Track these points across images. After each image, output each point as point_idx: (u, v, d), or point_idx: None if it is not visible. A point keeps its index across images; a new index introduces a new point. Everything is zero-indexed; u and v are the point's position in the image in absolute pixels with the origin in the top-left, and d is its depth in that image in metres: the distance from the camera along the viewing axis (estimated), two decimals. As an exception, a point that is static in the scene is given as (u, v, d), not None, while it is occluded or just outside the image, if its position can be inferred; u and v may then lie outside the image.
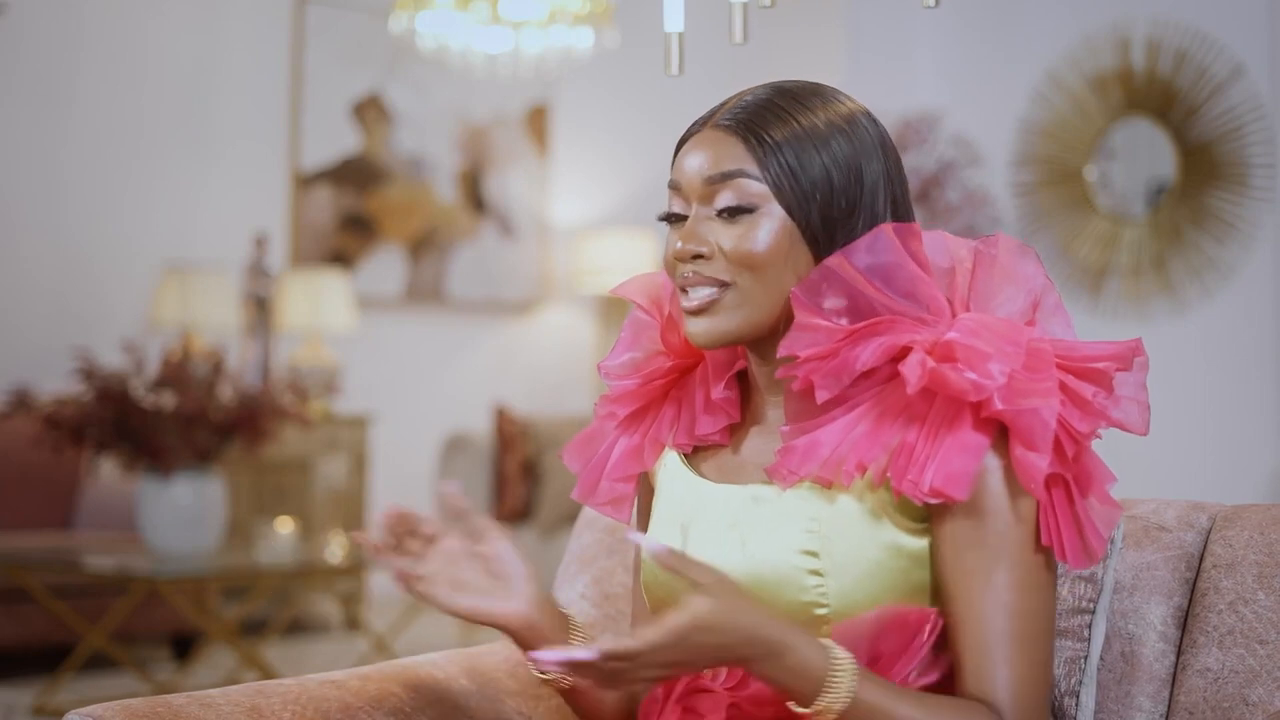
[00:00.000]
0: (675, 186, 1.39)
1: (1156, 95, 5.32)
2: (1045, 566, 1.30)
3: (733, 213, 1.35)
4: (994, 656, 1.28)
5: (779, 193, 1.34)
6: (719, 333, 1.36)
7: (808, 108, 1.37)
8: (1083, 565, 1.30)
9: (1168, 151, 5.31)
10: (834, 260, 1.33)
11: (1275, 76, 5.14)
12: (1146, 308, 5.31)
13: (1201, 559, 1.52)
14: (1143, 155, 5.40)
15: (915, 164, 5.55)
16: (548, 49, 5.64)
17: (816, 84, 1.41)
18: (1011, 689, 1.27)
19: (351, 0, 6.87)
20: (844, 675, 1.23)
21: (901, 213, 1.38)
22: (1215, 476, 5.11)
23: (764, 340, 1.38)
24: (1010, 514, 1.29)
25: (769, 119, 1.36)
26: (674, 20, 1.76)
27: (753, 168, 1.35)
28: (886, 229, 1.34)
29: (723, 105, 1.40)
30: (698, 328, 1.37)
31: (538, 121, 7.51)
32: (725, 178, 1.35)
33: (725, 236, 1.35)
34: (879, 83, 5.76)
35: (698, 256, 1.36)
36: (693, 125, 1.41)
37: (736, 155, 1.36)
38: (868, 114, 1.40)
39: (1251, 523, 1.51)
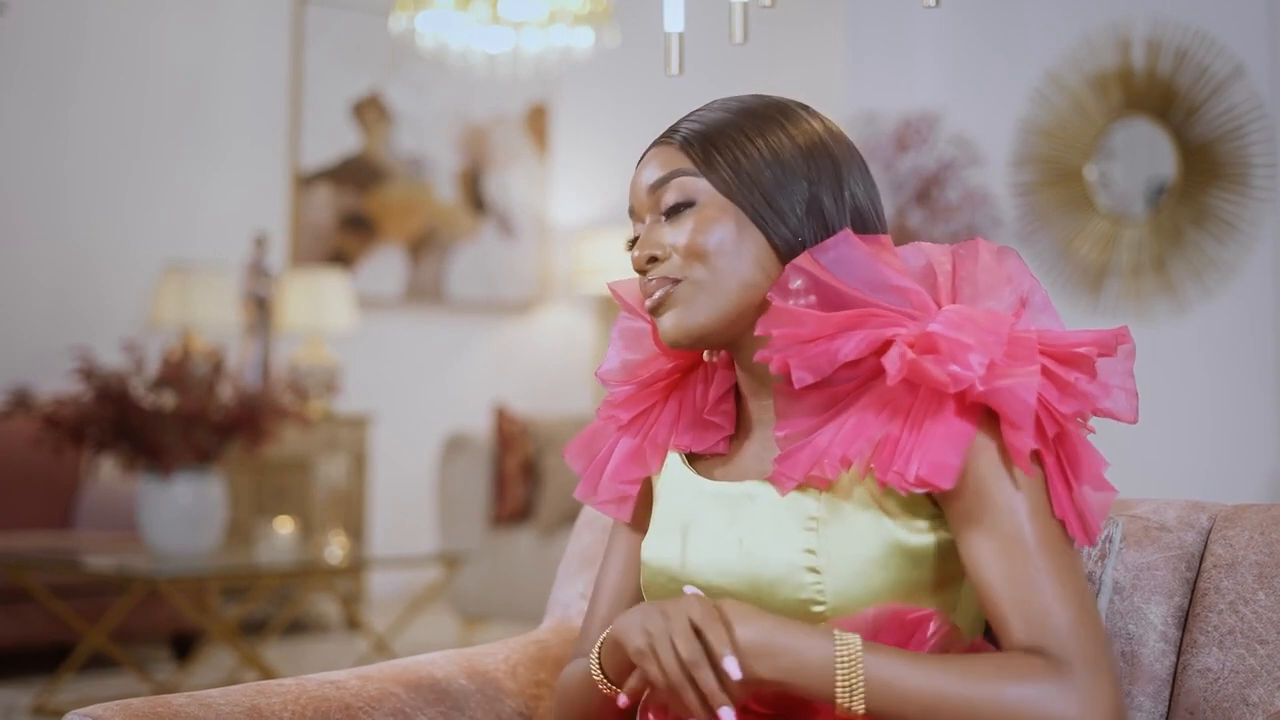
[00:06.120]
0: (631, 210, 1.44)
1: (1156, 95, 5.32)
2: (1065, 534, 1.29)
3: (676, 210, 1.39)
4: (1040, 604, 1.25)
5: (720, 182, 1.38)
6: (684, 327, 1.38)
7: (743, 104, 1.42)
8: (1081, 543, 1.30)
9: (1168, 151, 5.31)
10: (803, 259, 1.35)
11: (1275, 76, 5.14)
12: (1146, 308, 5.30)
13: (1202, 559, 1.52)
14: (1143, 155, 5.40)
15: (915, 164, 5.55)
16: (548, 49, 5.64)
17: (758, 94, 1.45)
18: (1069, 629, 1.24)
19: (351, 0, 6.87)
20: (848, 665, 1.23)
21: (869, 221, 1.40)
22: (1215, 476, 5.11)
23: (740, 340, 1.39)
24: (1014, 483, 1.28)
25: (705, 120, 1.41)
26: (674, 20, 1.76)
27: (689, 165, 1.39)
28: (849, 233, 1.35)
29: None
30: (664, 325, 1.39)
31: (538, 121, 7.52)
32: (665, 180, 1.39)
33: (674, 234, 1.39)
34: (879, 83, 5.76)
35: (653, 260, 1.39)
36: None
37: (673, 159, 1.40)
38: (809, 109, 1.43)
39: (1252, 523, 1.51)
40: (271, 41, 6.74)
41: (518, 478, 5.77)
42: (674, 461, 1.46)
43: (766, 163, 1.37)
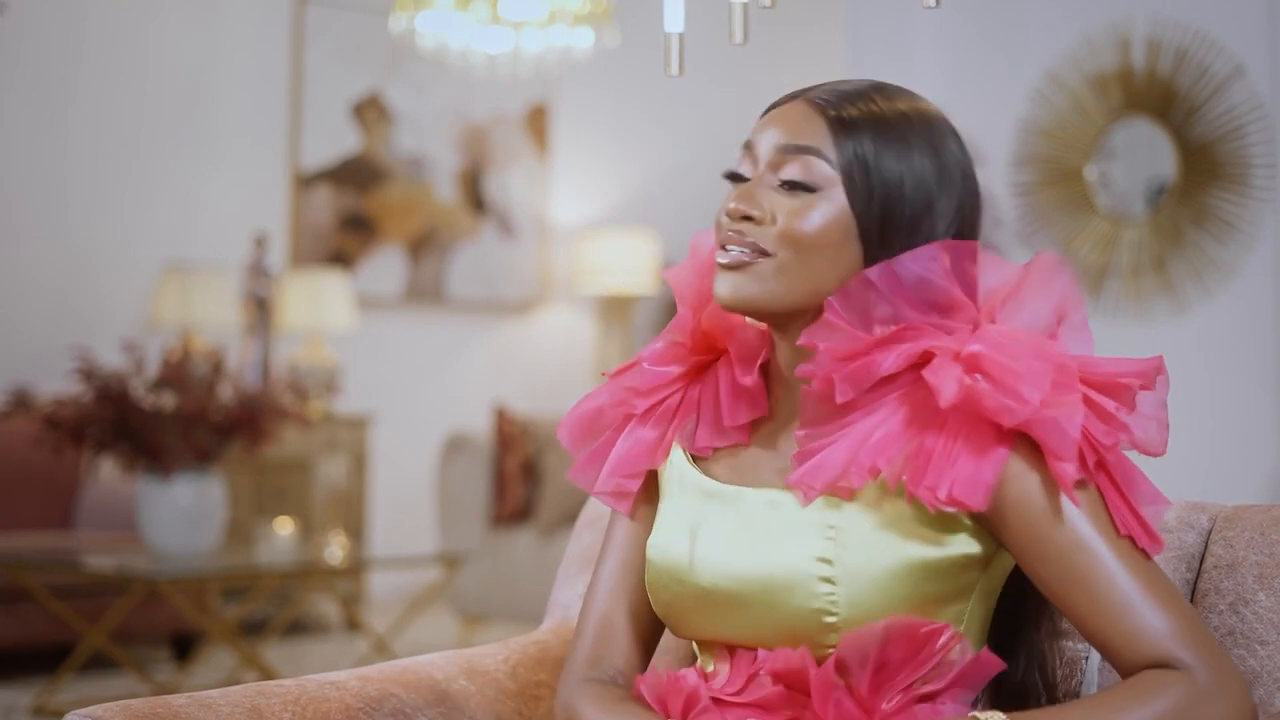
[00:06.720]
0: (748, 147, 1.38)
1: (1156, 95, 5.32)
2: (1136, 546, 1.28)
3: (794, 187, 1.34)
4: (1143, 620, 1.24)
5: (848, 181, 1.33)
6: (744, 296, 1.34)
7: (902, 112, 1.36)
8: (1152, 552, 1.29)
9: (1168, 151, 5.31)
10: (875, 271, 1.32)
11: (1275, 76, 5.14)
12: (1146, 308, 5.31)
13: (1202, 560, 1.52)
14: (1143, 155, 5.40)
15: (915, 164, 5.56)
16: (548, 49, 5.64)
17: (916, 95, 1.40)
18: (1180, 634, 1.24)
19: (351, 0, 6.87)
20: None
21: (967, 238, 1.37)
22: (1215, 476, 5.11)
23: (790, 324, 1.36)
24: (1070, 510, 1.27)
25: (866, 110, 1.35)
26: (674, 20, 1.76)
27: (829, 150, 1.33)
28: (937, 248, 1.32)
29: (818, 85, 1.39)
30: (724, 286, 1.35)
31: (538, 121, 7.51)
32: (798, 151, 1.34)
33: (781, 208, 1.34)
34: (879, 83, 5.75)
35: (747, 218, 1.34)
36: (785, 96, 1.39)
37: (816, 132, 1.34)
38: (958, 137, 1.39)
39: (1251, 523, 1.51)
40: (271, 41, 6.74)
41: (518, 478, 5.77)
42: (681, 461, 1.43)
43: (906, 200, 1.33)
